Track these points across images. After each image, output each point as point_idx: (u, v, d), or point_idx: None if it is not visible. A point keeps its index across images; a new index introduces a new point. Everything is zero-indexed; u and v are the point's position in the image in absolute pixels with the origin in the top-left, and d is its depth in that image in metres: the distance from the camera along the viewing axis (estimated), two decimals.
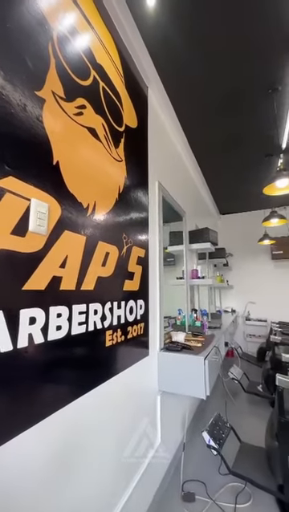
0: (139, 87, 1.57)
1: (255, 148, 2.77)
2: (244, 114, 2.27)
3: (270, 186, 1.92)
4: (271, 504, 1.39)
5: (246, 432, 1.80)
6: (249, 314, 4.52)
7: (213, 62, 1.75)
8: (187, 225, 2.45)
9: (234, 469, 1.44)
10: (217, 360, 1.72)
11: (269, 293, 4.48)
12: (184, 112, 2.19)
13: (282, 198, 3.83)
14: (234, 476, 1.45)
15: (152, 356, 1.48)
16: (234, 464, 1.48)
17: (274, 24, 1.49)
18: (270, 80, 1.88)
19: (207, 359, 1.44)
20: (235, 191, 3.96)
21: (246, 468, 1.46)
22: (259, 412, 2.34)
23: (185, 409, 1.95)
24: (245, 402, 2.65)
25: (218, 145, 2.74)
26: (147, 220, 1.51)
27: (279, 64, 1.75)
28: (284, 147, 2.68)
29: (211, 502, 1.37)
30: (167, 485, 1.48)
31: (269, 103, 2.05)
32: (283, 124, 2.34)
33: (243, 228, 4.76)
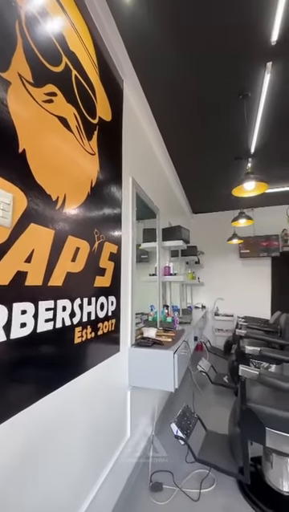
0: (114, 79, 1.54)
1: (226, 150, 2.89)
2: (216, 118, 2.35)
3: (238, 188, 2.02)
4: (233, 486, 1.48)
5: (212, 421, 1.90)
6: (218, 310, 4.74)
7: (187, 66, 1.78)
8: (160, 223, 2.48)
9: (200, 457, 1.51)
10: (186, 354, 1.78)
11: (236, 289, 4.74)
12: (160, 111, 2.20)
13: (249, 200, 4.05)
14: (200, 463, 1.52)
15: (123, 352, 1.48)
16: (200, 451, 1.56)
17: (245, 34, 1.55)
18: (241, 87, 1.97)
19: (176, 353, 1.48)
20: (207, 191, 4.10)
21: (211, 454, 1.54)
22: (225, 402, 2.48)
23: (154, 403, 1.99)
24: (212, 393, 2.79)
25: (192, 146, 2.81)
26: (120, 216, 1.50)
27: (249, 72, 1.84)
28: (253, 151, 2.84)
29: (178, 490, 1.43)
30: (136, 478, 1.51)
31: (239, 108, 2.14)
32: (252, 130, 2.47)
33: (214, 227, 4.95)
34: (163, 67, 1.78)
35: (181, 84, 1.95)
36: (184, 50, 1.66)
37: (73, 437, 0.99)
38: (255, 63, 1.77)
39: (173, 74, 1.84)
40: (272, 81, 1.89)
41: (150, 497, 1.39)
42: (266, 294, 4.58)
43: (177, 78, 1.88)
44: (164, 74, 1.84)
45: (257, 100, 2.09)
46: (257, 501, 1.36)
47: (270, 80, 1.88)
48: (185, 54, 1.69)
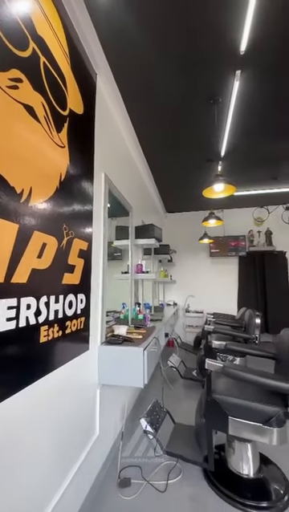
0: (87, 71, 1.50)
1: (199, 152, 2.98)
2: (189, 119, 2.40)
3: (208, 189, 2.09)
4: (198, 475, 1.55)
5: (181, 414, 1.96)
6: (188, 307, 4.89)
7: (162, 66, 1.79)
8: (133, 221, 2.48)
9: (168, 449, 1.55)
10: (156, 350, 1.81)
11: (206, 287, 4.93)
12: (134, 108, 2.20)
13: (219, 201, 4.23)
14: (168, 455, 1.57)
15: (93, 350, 1.46)
16: (168, 444, 1.60)
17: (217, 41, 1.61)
18: (212, 92, 2.04)
19: (146, 349, 1.50)
20: (180, 191, 4.19)
21: (178, 446, 1.59)
22: (193, 395, 2.57)
23: (125, 400, 2.00)
24: (182, 387, 2.88)
25: (166, 146, 2.85)
26: (91, 212, 1.47)
27: (220, 78, 1.91)
28: (223, 155, 2.96)
29: (145, 483, 1.45)
30: (104, 476, 1.50)
31: (210, 112, 2.22)
32: (222, 134, 2.57)
33: (186, 227, 5.09)
34: (138, 65, 1.77)
35: (155, 84, 1.96)
36: (159, 50, 1.67)
37: (39, 437, 0.95)
38: (225, 70, 1.84)
39: (148, 72, 1.85)
40: (241, 89, 1.99)
41: (118, 493, 1.40)
42: (233, 291, 4.83)
43: (152, 77, 1.89)
44: (139, 71, 1.83)
45: (227, 106, 2.18)
46: (220, 487, 1.44)
47: (238, 88, 1.97)
48: (160, 53, 1.70)
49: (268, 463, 1.62)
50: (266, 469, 1.55)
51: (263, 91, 2.04)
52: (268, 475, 1.52)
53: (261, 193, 4.12)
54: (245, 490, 1.42)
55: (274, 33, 1.57)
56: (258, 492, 1.41)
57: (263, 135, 2.65)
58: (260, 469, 1.51)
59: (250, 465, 1.49)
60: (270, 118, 2.40)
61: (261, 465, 1.53)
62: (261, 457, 1.57)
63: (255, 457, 1.52)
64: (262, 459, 1.58)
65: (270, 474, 1.53)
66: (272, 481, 1.49)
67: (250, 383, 1.39)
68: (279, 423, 1.30)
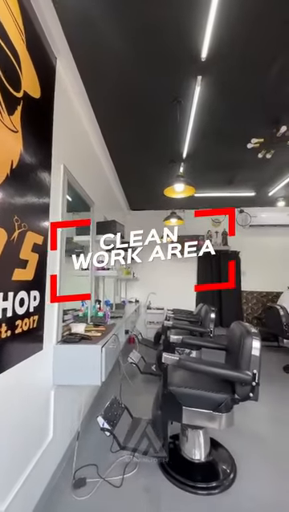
0: (45, 53, 1.41)
1: (162, 152, 3.04)
2: (154, 119, 2.43)
3: (169, 188, 2.15)
4: (154, 466, 1.59)
5: (140, 408, 1.99)
6: (150, 304, 4.99)
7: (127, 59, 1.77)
8: (95, 216, 2.42)
9: (124, 444, 1.56)
10: (115, 347, 1.80)
11: (167, 284, 5.08)
12: (97, 100, 2.13)
13: (181, 201, 4.37)
14: (124, 450, 1.58)
15: (47, 350, 1.39)
16: (125, 439, 1.62)
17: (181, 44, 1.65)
18: (175, 92, 2.09)
19: (105, 347, 1.49)
20: (144, 189, 4.23)
21: (135, 440, 1.62)
22: (152, 389, 2.62)
23: (82, 399, 1.95)
24: (141, 382, 2.92)
25: (130, 143, 2.83)
26: (48, 205, 1.39)
27: (183, 80, 1.96)
28: (184, 156, 3.06)
29: (101, 481, 1.44)
30: (58, 478, 1.45)
31: (173, 113, 2.28)
32: (184, 136, 2.66)
33: (149, 224, 5.13)
34: (102, 55, 1.72)
35: (120, 78, 1.93)
36: (124, 42, 1.64)
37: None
38: (187, 74, 1.90)
39: (113, 67, 1.81)
40: (201, 94, 2.08)
41: (72, 494, 1.36)
42: (192, 288, 5.07)
43: (117, 71, 1.86)
44: (103, 64, 1.78)
45: (188, 109, 2.26)
46: (173, 474, 1.51)
47: (199, 93, 2.05)
48: (125, 48, 1.67)
49: (217, 446, 1.74)
50: (215, 452, 1.67)
51: (222, 99, 2.17)
52: (217, 457, 1.64)
53: (218, 196, 4.38)
54: (196, 474, 1.51)
55: (232, 45, 1.66)
56: (208, 474, 1.52)
57: (221, 141, 2.82)
58: (210, 453, 1.62)
59: (201, 450, 1.59)
60: (228, 126, 2.56)
61: (211, 448, 1.64)
62: (211, 442, 1.68)
63: (206, 442, 1.62)
64: (213, 443, 1.70)
65: (219, 456, 1.65)
66: (220, 462, 1.61)
67: (202, 373, 1.48)
68: (227, 408, 1.41)
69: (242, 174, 3.64)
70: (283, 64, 1.82)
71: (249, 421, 2.10)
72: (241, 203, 4.86)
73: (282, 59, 1.78)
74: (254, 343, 1.40)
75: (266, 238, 5.10)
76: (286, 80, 1.97)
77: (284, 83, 2.00)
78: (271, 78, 1.94)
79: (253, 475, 1.52)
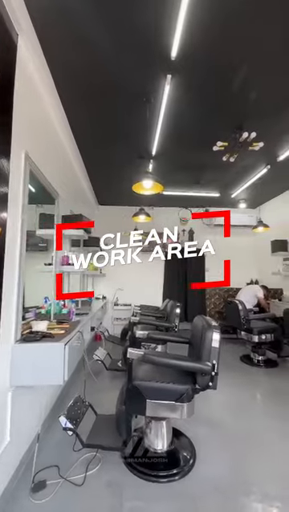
0: (4, 28, 1.29)
1: (131, 148, 3.02)
2: (123, 113, 2.40)
3: (137, 184, 2.15)
4: (117, 460, 1.60)
5: (105, 405, 1.98)
6: (117, 300, 4.97)
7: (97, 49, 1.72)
8: (60, 209, 2.32)
9: (87, 442, 1.55)
10: (79, 345, 1.76)
11: (135, 280, 5.11)
12: (65, 87, 2.03)
13: (150, 198, 4.41)
14: (87, 447, 1.56)
15: (4, 350, 1.30)
16: (88, 437, 1.60)
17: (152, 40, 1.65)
18: (146, 89, 2.09)
19: (68, 344, 1.44)
20: (113, 185, 4.17)
21: (99, 436, 1.61)
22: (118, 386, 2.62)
23: (43, 399, 1.87)
24: (107, 379, 2.91)
25: (100, 136, 2.76)
26: (6, 194, 1.29)
27: (153, 78, 1.97)
28: (154, 154, 3.09)
29: (62, 481, 1.41)
30: (16, 483, 1.38)
31: (143, 109, 2.27)
32: (154, 134, 2.68)
33: (118, 220, 5.10)
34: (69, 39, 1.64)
35: (90, 67, 1.87)
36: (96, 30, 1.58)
37: None
38: (158, 71, 1.91)
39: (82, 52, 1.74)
40: (171, 93, 2.11)
41: (30, 498, 1.31)
42: (160, 284, 5.18)
43: (86, 58, 1.79)
44: (72, 48, 1.70)
45: (158, 108, 2.28)
46: (137, 466, 1.53)
47: (169, 92, 2.08)
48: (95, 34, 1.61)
49: (179, 435, 1.82)
50: (177, 441, 1.74)
51: (190, 101, 2.23)
52: (179, 446, 1.71)
53: (186, 195, 4.52)
54: (158, 464, 1.56)
55: (201, 48, 1.71)
56: (170, 462, 1.57)
57: (189, 142, 2.90)
58: (172, 442, 1.69)
59: (164, 440, 1.64)
60: (196, 128, 2.64)
61: (173, 438, 1.71)
62: (173, 431, 1.75)
63: (169, 432, 1.68)
64: (175, 432, 1.77)
65: (180, 445, 1.73)
66: (182, 449, 1.69)
67: (166, 366, 1.53)
68: (189, 398, 1.48)
69: (209, 175, 3.80)
70: (246, 74, 1.93)
71: (208, 409, 2.23)
72: (207, 203, 5.08)
73: (245, 68, 1.88)
74: (214, 335, 1.48)
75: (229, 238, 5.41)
76: (249, 90, 2.10)
77: (247, 92, 2.13)
78: (235, 85, 2.04)
79: (211, 459, 1.62)
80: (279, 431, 1.94)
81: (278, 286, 4.66)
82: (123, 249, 1.87)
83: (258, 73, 1.93)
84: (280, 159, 3.19)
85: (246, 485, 1.42)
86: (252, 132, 2.48)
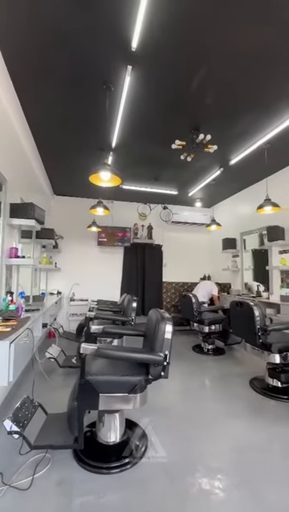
0: None
1: (91, 139, 2.91)
2: (81, 101, 2.29)
3: (95, 175, 2.08)
4: (69, 457, 1.56)
5: (57, 404, 1.90)
6: (74, 295, 4.80)
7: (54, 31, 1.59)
8: (7, 196, 2.11)
9: (36, 443, 1.47)
10: (28, 343, 1.65)
11: (93, 275, 5.00)
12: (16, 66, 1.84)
13: (109, 192, 4.34)
14: (36, 449, 1.48)
15: None
16: (37, 437, 1.52)
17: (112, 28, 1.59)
18: (105, 77, 2.02)
19: (14, 343, 1.34)
20: (71, 175, 3.97)
21: (49, 436, 1.54)
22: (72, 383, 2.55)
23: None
24: (61, 376, 2.80)
25: (55, 121, 2.58)
26: None
27: (113, 66, 1.91)
28: (114, 146, 3.03)
29: (6, 488, 1.32)
30: None
31: (103, 99, 2.20)
32: (114, 126, 2.62)
33: (76, 212, 4.91)
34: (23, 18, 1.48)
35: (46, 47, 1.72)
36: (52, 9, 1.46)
37: None
38: (118, 61, 1.86)
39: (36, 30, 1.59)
40: (132, 85, 2.08)
41: None
42: (118, 279, 5.16)
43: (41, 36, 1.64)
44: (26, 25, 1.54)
45: (118, 99, 2.23)
46: (88, 461, 1.52)
47: (129, 84, 2.05)
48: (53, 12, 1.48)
49: (132, 425, 1.86)
50: (130, 431, 1.77)
51: (151, 96, 2.23)
52: (132, 435, 1.75)
53: (145, 191, 4.56)
54: (111, 455, 1.57)
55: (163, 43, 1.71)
56: (122, 452, 1.60)
57: (149, 138, 2.92)
58: (125, 433, 1.72)
59: (117, 432, 1.66)
60: (156, 124, 2.66)
61: (126, 429, 1.74)
62: (127, 422, 1.78)
63: (122, 424, 1.70)
64: (128, 423, 1.80)
65: (133, 434, 1.77)
66: (134, 438, 1.73)
67: (120, 359, 1.53)
68: (142, 388, 1.51)
69: (167, 173, 3.90)
70: (203, 77, 2.02)
71: (161, 397, 2.33)
72: (165, 200, 5.21)
73: (203, 71, 1.96)
74: (167, 327, 1.54)
75: (186, 234, 5.68)
76: (205, 93, 2.20)
77: (204, 96, 2.23)
78: (193, 87, 2.12)
79: (162, 444, 1.70)
80: (223, 411, 2.13)
81: (228, 280, 5.07)
82: (81, 242, 1.78)
83: (213, 78, 2.03)
84: (232, 163, 3.44)
85: (192, 464, 1.53)
86: (207, 135, 2.62)
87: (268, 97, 2.23)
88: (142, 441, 1.70)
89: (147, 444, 1.69)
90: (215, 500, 1.30)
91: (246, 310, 2.46)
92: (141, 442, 1.69)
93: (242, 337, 2.87)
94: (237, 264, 4.76)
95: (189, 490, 1.35)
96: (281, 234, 3.56)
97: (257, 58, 1.83)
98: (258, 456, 1.61)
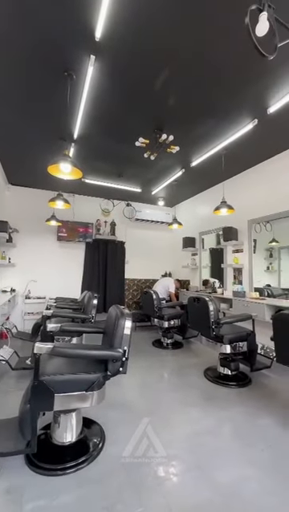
0: None
1: (51, 127, 2.74)
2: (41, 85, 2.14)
3: (54, 166, 1.98)
4: (20, 463, 1.48)
5: (10, 408, 1.79)
6: (29, 293, 4.51)
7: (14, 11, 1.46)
8: None
9: None
10: None
11: (52, 271, 4.76)
12: None
13: (71, 185, 4.18)
14: None
15: None
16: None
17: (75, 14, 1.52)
18: (67, 64, 1.93)
19: None
20: (29, 163, 3.70)
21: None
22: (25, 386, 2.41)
23: None
24: (13, 379, 2.62)
25: (9, 101, 2.37)
26: None
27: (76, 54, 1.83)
28: (76, 137, 2.91)
29: None
30: None
31: (64, 86, 2.09)
32: (76, 116, 2.51)
33: (34, 204, 4.61)
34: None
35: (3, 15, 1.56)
36: None
37: None
38: (81, 49, 1.79)
39: None
40: (95, 76, 2.02)
41: None
42: (79, 275, 5.01)
43: None
44: None
45: (81, 88, 2.15)
46: (42, 465, 1.46)
47: (92, 75, 1.99)
48: None
49: (89, 422, 1.84)
50: (87, 429, 1.75)
51: (115, 89, 2.19)
52: (89, 433, 1.73)
53: (109, 186, 4.50)
54: (67, 456, 1.53)
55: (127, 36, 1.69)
56: (79, 451, 1.57)
57: (113, 132, 2.88)
58: (82, 431, 1.69)
59: (73, 431, 1.62)
60: (120, 120, 2.63)
61: (83, 427, 1.71)
62: (84, 420, 1.75)
63: (79, 423, 1.67)
64: (85, 421, 1.78)
65: (90, 432, 1.75)
66: (91, 436, 1.71)
67: (77, 357, 1.50)
68: (99, 385, 1.50)
69: (131, 170, 3.90)
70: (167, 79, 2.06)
71: (120, 392, 2.35)
72: (129, 197, 5.21)
73: (166, 73, 2.00)
74: (126, 323, 1.55)
75: (148, 232, 5.77)
76: (169, 94, 2.25)
77: (167, 96, 2.28)
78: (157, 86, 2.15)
79: (119, 438, 1.72)
80: (179, 401, 2.24)
81: (187, 277, 5.31)
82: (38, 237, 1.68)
83: (176, 81, 2.09)
84: (193, 165, 3.60)
85: (149, 454, 1.58)
86: (170, 135, 2.69)
87: (227, 106, 2.38)
88: (100, 438, 1.70)
89: (105, 440, 1.69)
90: (169, 485, 1.36)
91: (202, 305, 2.61)
92: (98, 439, 1.69)
93: (198, 330, 3.04)
94: (196, 262, 5.02)
95: (144, 480, 1.39)
96: (234, 235, 3.86)
97: (217, 69, 1.93)
98: (209, 439, 1.73)
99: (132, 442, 1.69)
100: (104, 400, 1.60)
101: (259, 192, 3.59)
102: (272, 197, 3.37)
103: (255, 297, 3.41)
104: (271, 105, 2.33)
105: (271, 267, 3.71)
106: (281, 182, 3.25)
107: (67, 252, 4.94)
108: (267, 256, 3.73)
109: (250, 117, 2.53)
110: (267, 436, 1.77)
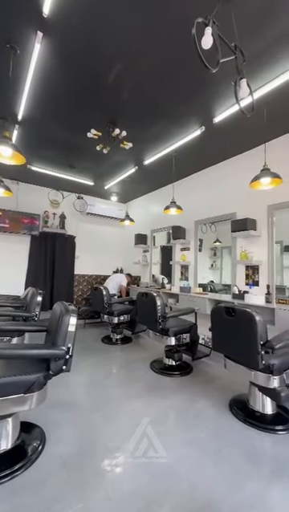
0: None
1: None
2: None
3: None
4: None
5: None
6: None
7: None
8: None
9: None
10: None
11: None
12: None
13: (16, 171, 3.80)
14: None
15: None
16: None
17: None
18: (9, 36, 1.73)
19: None
20: None
21: None
22: None
23: None
24: None
25: None
26: None
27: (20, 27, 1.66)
28: (20, 119, 2.66)
29: None
30: None
31: (5, 59, 1.88)
32: (20, 94, 2.29)
33: None
34: None
35: None
36: None
37: None
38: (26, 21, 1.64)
39: None
40: (43, 55, 1.87)
41: None
42: (23, 271, 4.62)
43: None
44: None
45: (26, 65, 1.96)
46: None
47: (39, 53, 1.84)
48: None
49: (29, 426, 1.73)
50: (25, 433, 1.64)
51: (66, 73, 2.07)
52: (27, 438, 1.62)
53: (58, 177, 4.24)
54: (1, 465, 1.41)
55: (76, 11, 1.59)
56: (14, 458, 1.46)
57: (63, 119, 2.72)
58: (19, 437, 1.58)
59: (8, 438, 1.50)
60: (70, 107, 2.50)
61: (20, 432, 1.60)
62: (22, 424, 1.64)
63: (15, 428, 1.55)
64: (23, 425, 1.66)
65: (29, 436, 1.64)
66: (30, 440, 1.61)
67: (15, 358, 1.39)
68: (40, 386, 1.42)
69: (83, 162, 3.75)
70: (120, 72, 2.04)
71: (66, 391, 2.26)
72: (81, 189, 5.01)
73: (119, 66, 1.98)
74: (71, 319, 1.50)
75: (100, 227, 5.66)
76: (122, 88, 2.23)
77: (120, 90, 2.25)
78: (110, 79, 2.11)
79: (61, 439, 1.66)
80: (125, 394, 2.28)
81: (138, 273, 5.41)
82: None
83: (129, 76, 2.08)
84: (145, 163, 3.66)
85: (92, 450, 1.57)
86: (123, 131, 2.68)
87: (178, 109, 2.48)
88: (39, 441, 1.61)
89: (45, 442, 1.62)
90: (111, 476, 1.38)
91: (150, 300, 2.70)
92: (38, 442, 1.60)
93: (146, 325, 3.14)
94: (147, 258, 5.14)
95: (87, 476, 1.38)
96: (182, 234, 4.09)
97: (168, 68, 1.99)
98: (151, 428, 1.81)
99: (76, 441, 1.66)
100: (46, 400, 1.52)
101: (205, 195, 3.87)
102: (215, 200, 3.68)
103: (199, 292, 3.69)
104: (217, 115, 2.53)
105: (215, 265, 4.07)
106: (223, 188, 3.57)
107: (8, 245, 4.49)
108: (212, 254, 4.07)
109: (199, 124, 2.70)
110: (203, 417, 1.94)
